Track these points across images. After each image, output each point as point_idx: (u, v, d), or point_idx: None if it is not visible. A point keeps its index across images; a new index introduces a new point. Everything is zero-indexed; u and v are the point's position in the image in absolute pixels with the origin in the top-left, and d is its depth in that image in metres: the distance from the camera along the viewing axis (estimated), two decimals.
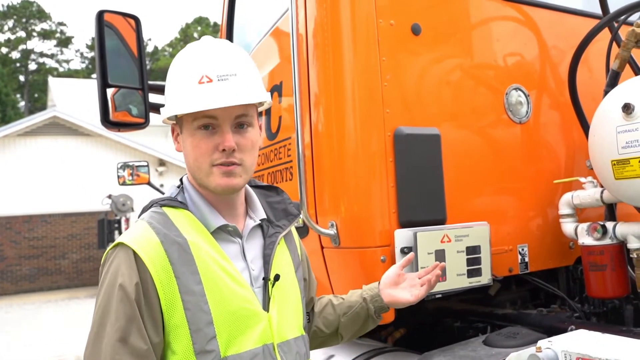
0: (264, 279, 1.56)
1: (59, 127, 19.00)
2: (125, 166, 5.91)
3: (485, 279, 2.30)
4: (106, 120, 2.84)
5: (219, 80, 1.45)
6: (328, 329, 1.89)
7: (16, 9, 48.35)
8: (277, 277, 1.57)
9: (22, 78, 49.98)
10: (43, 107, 34.45)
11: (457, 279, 2.23)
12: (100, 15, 2.75)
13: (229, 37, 3.63)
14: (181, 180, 1.63)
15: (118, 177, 5.94)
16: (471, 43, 2.51)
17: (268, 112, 2.85)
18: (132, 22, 2.91)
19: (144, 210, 1.56)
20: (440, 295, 2.23)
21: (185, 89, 1.47)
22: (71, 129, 18.84)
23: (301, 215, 2.27)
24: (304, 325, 1.69)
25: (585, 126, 2.49)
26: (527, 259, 2.54)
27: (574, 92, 2.54)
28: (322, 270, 2.45)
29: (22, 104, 47.23)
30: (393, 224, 2.21)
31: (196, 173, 1.52)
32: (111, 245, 1.46)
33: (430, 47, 2.38)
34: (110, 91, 2.85)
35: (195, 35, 48.84)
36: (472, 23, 2.55)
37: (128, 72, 2.88)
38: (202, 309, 1.41)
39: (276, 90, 2.76)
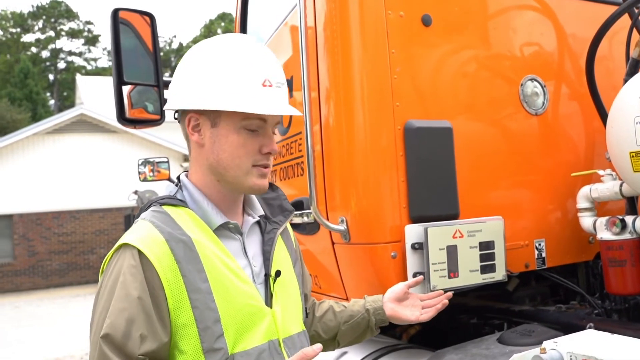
0: (265, 275, 1.55)
1: (86, 125, 19.30)
2: (146, 162, 5.95)
3: (499, 275, 2.25)
4: (122, 118, 2.85)
5: (276, 86, 1.49)
6: (326, 335, 1.89)
7: (45, 9, 49.19)
8: (278, 273, 1.56)
9: (51, 77, 50.88)
10: (72, 105, 35.01)
11: (469, 275, 2.18)
12: (115, 13, 2.76)
13: (243, 31, 3.61)
14: (178, 178, 1.60)
15: (139, 173, 5.97)
16: (484, 33, 2.45)
17: None
18: (148, 19, 2.91)
19: (142, 210, 1.54)
20: (453, 292, 2.19)
21: (249, 88, 1.45)
22: (98, 126, 19.13)
23: (311, 211, 2.25)
24: (304, 320, 1.69)
25: (604, 117, 2.41)
26: (544, 254, 2.47)
27: (591, 82, 2.46)
28: (333, 266, 2.42)
29: (52, 102, 48.10)
30: (404, 220, 2.17)
31: (231, 170, 1.50)
32: (114, 247, 1.43)
33: (441, 39, 2.32)
34: (127, 88, 2.87)
35: (219, 31, 49.10)
36: (484, 12, 2.48)
37: (144, 69, 2.89)
38: (210, 307, 1.39)
39: (287, 84, 2.72)
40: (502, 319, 2.60)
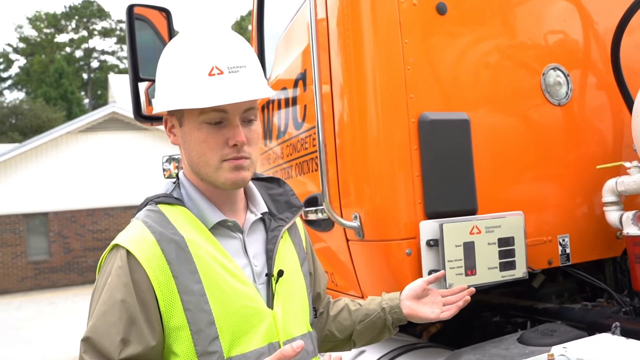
0: (267, 275, 1.49)
1: (118, 123, 19.59)
2: (170, 159, 5.97)
3: (519, 272, 2.16)
4: (139, 114, 2.85)
5: (229, 72, 1.36)
6: (341, 335, 1.82)
7: (77, 9, 50.06)
8: (280, 273, 1.50)
9: (85, 76, 51.84)
10: (105, 103, 35.60)
11: (488, 273, 2.10)
12: (130, 9, 2.75)
13: (260, 24, 3.57)
14: (177, 175, 1.56)
15: (163, 170, 5.99)
16: (502, 21, 2.35)
17: (295, 101, 2.78)
18: (164, 14, 2.90)
19: (139, 209, 1.51)
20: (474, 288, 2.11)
21: (194, 81, 1.36)
22: (130, 123, 19.35)
23: (323, 207, 2.20)
24: (311, 322, 1.62)
25: (631, 106, 2.29)
26: (568, 250, 2.37)
27: (617, 70, 2.34)
28: (348, 263, 2.37)
29: (86, 101, 49.04)
30: (419, 215, 2.10)
31: (202, 168, 1.44)
32: (107, 248, 1.41)
33: (457, 27, 2.24)
34: (144, 85, 2.86)
35: (250, 28, 49.33)
36: None
37: None
38: (203, 309, 1.35)
39: (301, 78, 2.68)
40: (526, 317, 2.52)
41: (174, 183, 1.54)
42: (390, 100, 2.12)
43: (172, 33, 2.87)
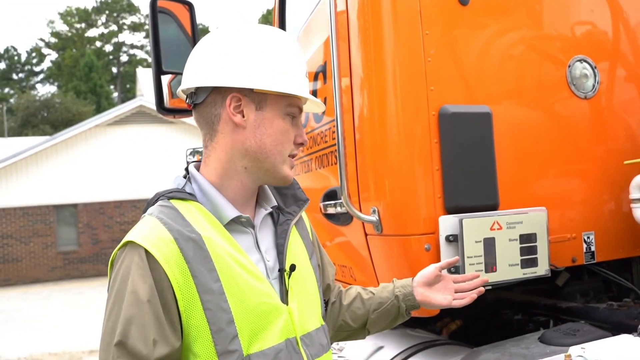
0: (279, 270, 1.47)
1: (145, 116, 19.80)
2: (194, 152, 6.00)
3: (541, 269, 2.11)
4: (161, 107, 2.85)
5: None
6: (355, 324, 1.79)
7: (108, 4, 50.74)
8: (293, 267, 1.47)
9: (114, 70, 52.55)
10: (134, 96, 36.04)
11: (509, 270, 2.05)
12: (154, 2, 2.75)
13: (281, 18, 3.55)
14: (186, 169, 1.53)
15: (187, 163, 6.03)
16: (526, 11, 2.29)
17: (315, 94, 2.75)
18: (187, 7, 2.90)
19: (150, 203, 1.47)
20: (490, 287, 2.07)
21: (299, 76, 1.47)
22: (156, 117, 19.52)
23: (342, 201, 2.17)
24: (323, 315, 1.60)
25: None
26: (593, 248, 2.31)
27: None
28: (366, 258, 2.34)
29: (115, 94, 49.74)
30: (438, 210, 2.06)
31: (272, 157, 1.44)
32: (120, 244, 1.37)
33: (479, 18, 2.18)
34: (167, 78, 2.86)
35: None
36: None
37: (184, 58, 2.87)
38: (222, 308, 1.32)
39: (321, 71, 2.65)
40: (548, 316, 2.46)
41: (185, 178, 1.51)
42: (411, 93, 2.09)
43: (195, 26, 2.87)
